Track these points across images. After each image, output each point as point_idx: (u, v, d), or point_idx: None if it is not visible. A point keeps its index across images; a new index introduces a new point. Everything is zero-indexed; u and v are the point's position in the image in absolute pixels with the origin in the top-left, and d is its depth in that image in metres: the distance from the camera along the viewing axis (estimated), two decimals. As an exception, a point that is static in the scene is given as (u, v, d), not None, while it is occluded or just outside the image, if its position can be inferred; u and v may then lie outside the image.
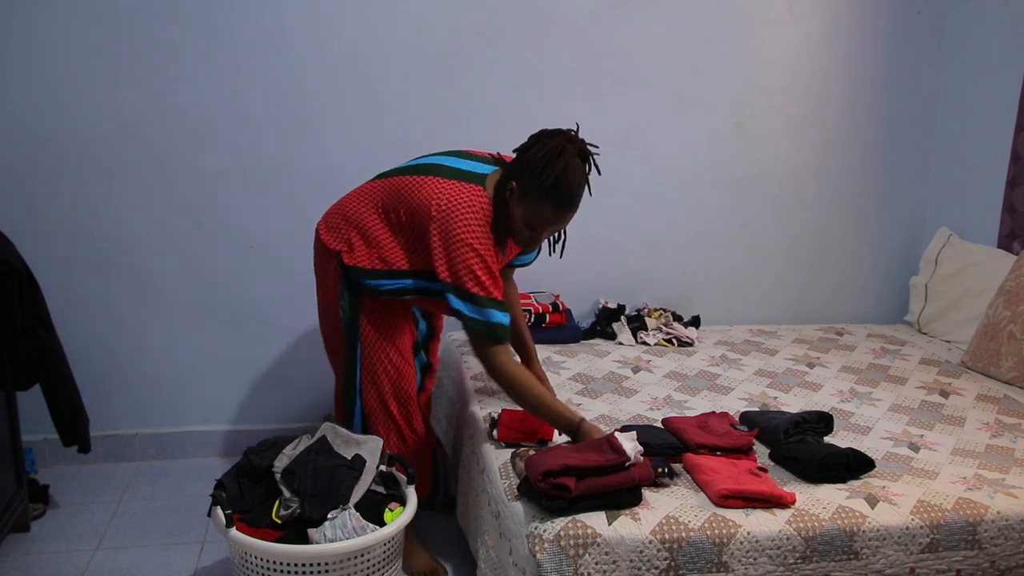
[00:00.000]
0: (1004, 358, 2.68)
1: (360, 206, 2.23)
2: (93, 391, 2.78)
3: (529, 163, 1.99)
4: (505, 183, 2.05)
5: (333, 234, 2.24)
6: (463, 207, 2.03)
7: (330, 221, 2.27)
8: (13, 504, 2.38)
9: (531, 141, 2.06)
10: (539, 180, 1.98)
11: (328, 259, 2.24)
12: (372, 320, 2.24)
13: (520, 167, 2.03)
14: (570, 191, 1.99)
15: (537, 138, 2.05)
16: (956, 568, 1.83)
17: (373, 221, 2.19)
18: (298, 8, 2.77)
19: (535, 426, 2.10)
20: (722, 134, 3.20)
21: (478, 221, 2.02)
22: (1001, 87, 3.03)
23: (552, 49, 2.98)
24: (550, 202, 2.00)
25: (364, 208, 2.21)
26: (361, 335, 2.25)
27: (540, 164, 1.97)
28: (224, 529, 1.92)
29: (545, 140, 2.02)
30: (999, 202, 3.05)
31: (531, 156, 2.00)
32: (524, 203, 2.03)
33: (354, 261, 2.18)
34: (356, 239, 2.20)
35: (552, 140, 2.00)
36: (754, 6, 3.11)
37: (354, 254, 2.19)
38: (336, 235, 2.23)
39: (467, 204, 2.03)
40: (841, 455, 1.96)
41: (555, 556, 1.66)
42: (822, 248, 3.41)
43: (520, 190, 2.02)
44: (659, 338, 3.01)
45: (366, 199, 2.23)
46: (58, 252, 2.78)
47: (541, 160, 1.97)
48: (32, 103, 2.68)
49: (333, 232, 2.24)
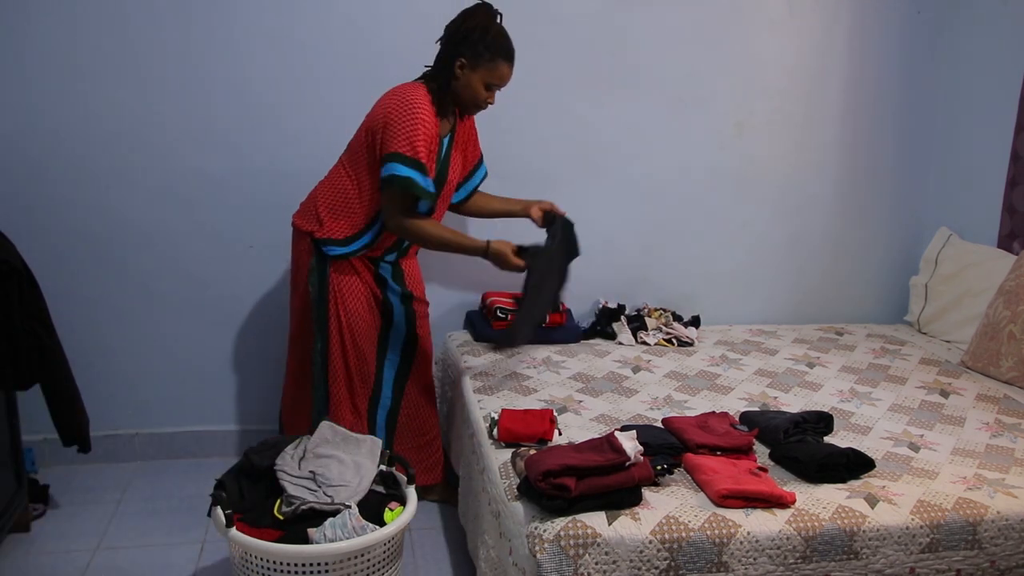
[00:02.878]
0: (1004, 358, 2.68)
1: (326, 182, 2.48)
2: (93, 391, 2.78)
3: (469, 35, 2.29)
4: (450, 64, 2.33)
5: (304, 217, 2.48)
6: (409, 95, 2.31)
7: (302, 208, 2.52)
8: (13, 504, 2.38)
9: (457, 20, 2.34)
10: (486, 44, 2.30)
11: (301, 239, 2.47)
12: (338, 294, 2.45)
13: (458, 44, 2.31)
14: (509, 43, 2.34)
15: (464, 14, 2.33)
16: (956, 568, 1.83)
17: (333, 184, 2.44)
18: (299, 8, 2.77)
19: (535, 426, 2.10)
20: (722, 134, 3.20)
21: (421, 104, 2.30)
22: (1001, 87, 3.03)
23: (552, 49, 2.98)
24: (502, 57, 2.33)
25: (327, 179, 2.48)
26: (329, 311, 2.44)
27: (480, 32, 2.29)
28: (224, 529, 1.92)
29: (469, 13, 2.32)
30: (999, 202, 3.05)
31: (468, 28, 2.30)
32: (479, 69, 2.32)
33: (324, 233, 2.41)
34: (324, 213, 2.42)
35: (476, 11, 2.33)
36: (754, 6, 3.11)
37: (324, 227, 2.41)
38: (307, 217, 2.47)
39: (411, 93, 2.31)
40: (841, 455, 1.97)
41: (555, 556, 1.66)
42: (822, 248, 3.41)
43: (471, 60, 2.31)
44: (659, 338, 3.01)
45: (332, 173, 2.49)
46: (58, 252, 2.78)
47: (479, 29, 2.29)
48: (32, 103, 2.68)
49: (304, 216, 2.49)
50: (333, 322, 2.45)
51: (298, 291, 2.51)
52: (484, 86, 2.36)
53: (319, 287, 2.44)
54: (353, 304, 2.46)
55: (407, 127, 2.27)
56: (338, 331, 2.46)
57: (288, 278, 2.92)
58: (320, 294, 2.44)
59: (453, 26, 2.35)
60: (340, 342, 2.47)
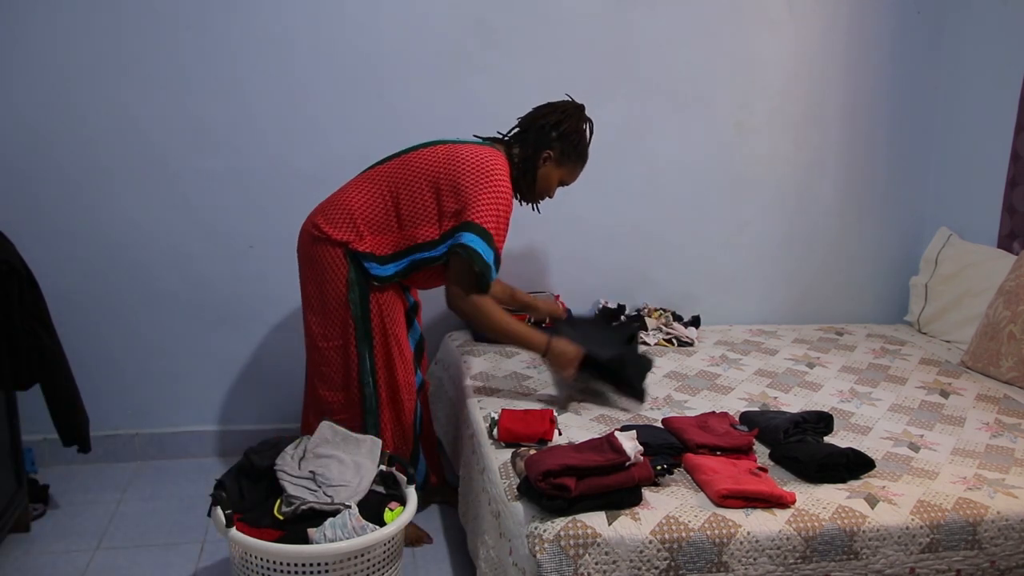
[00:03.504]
0: (1004, 358, 2.68)
1: (362, 196, 2.31)
2: (93, 391, 2.78)
3: (565, 136, 2.33)
4: (537, 153, 2.34)
5: (336, 226, 2.29)
6: (495, 162, 2.28)
7: (329, 215, 2.32)
8: (13, 504, 2.38)
9: (554, 115, 2.34)
10: (576, 148, 2.36)
11: (332, 249, 2.29)
12: (383, 312, 2.34)
13: (552, 138, 2.33)
14: (587, 150, 2.42)
15: (562, 112, 2.35)
16: (956, 568, 1.83)
17: (377, 207, 2.29)
18: (299, 8, 2.77)
19: (535, 426, 2.10)
20: (722, 134, 3.20)
21: (506, 179, 2.29)
22: (1001, 87, 3.03)
23: (553, 49, 2.98)
24: (581, 161, 2.41)
25: (367, 197, 2.30)
26: (373, 328, 2.33)
27: (576, 136, 2.35)
28: (224, 529, 1.92)
29: (572, 113, 2.35)
30: (999, 202, 3.05)
31: (566, 130, 2.33)
32: (563, 167, 2.38)
33: (366, 247, 2.28)
34: (364, 227, 2.29)
35: (576, 112, 2.36)
36: (754, 6, 3.11)
37: (364, 241, 2.28)
38: (339, 226, 2.29)
39: (497, 160, 2.29)
40: (841, 455, 1.96)
41: (555, 556, 1.66)
42: (822, 248, 3.41)
43: (557, 156, 2.35)
44: (659, 338, 3.01)
45: (367, 187, 2.32)
46: (58, 252, 2.78)
47: (576, 133, 2.35)
48: (32, 103, 2.68)
49: (335, 224, 2.29)
50: (378, 336, 2.34)
51: (327, 297, 2.32)
52: (558, 182, 2.40)
53: (360, 304, 2.30)
54: (396, 317, 2.37)
55: (490, 200, 2.21)
56: (383, 345, 2.35)
57: (291, 280, 2.92)
58: (363, 312, 2.31)
59: (549, 119, 2.33)
60: (386, 356, 2.36)
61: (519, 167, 2.35)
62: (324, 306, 2.32)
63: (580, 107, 2.38)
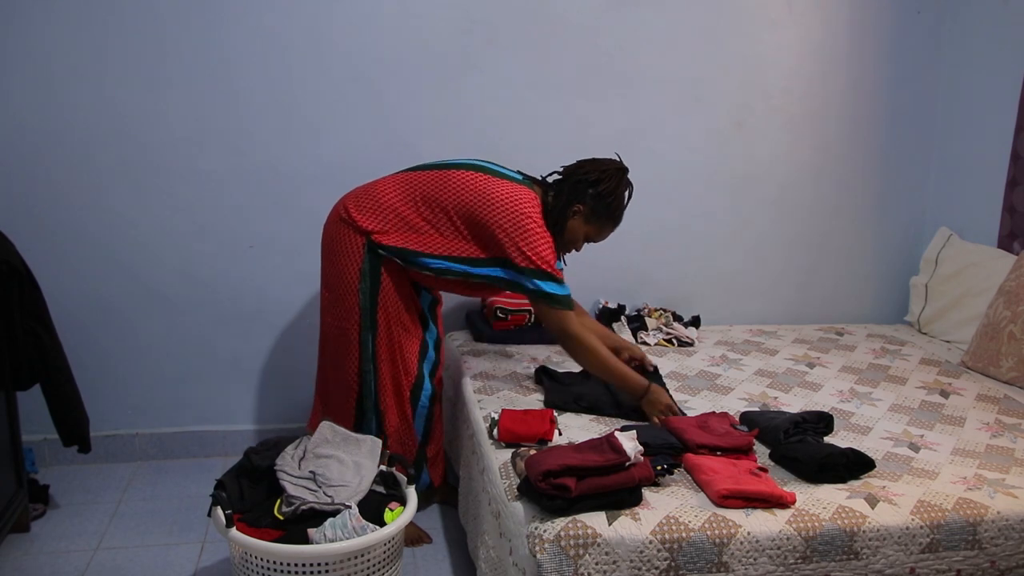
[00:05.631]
0: (1004, 358, 2.68)
1: (395, 194, 2.36)
2: (93, 391, 2.78)
3: (601, 195, 2.33)
4: (568, 204, 2.34)
5: (365, 214, 2.35)
6: (528, 204, 2.30)
7: (362, 202, 2.37)
8: (13, 504, 2.38)
9: (596, 171, 2.34)
10: (610, 209, 2.36)
11: (354, 236, 2.35)
12: (389, 315, 2.37)
13: (587, 194, 2.33)
14: (622, 212, 2.41)
15: (603, 171, 2.35)
16: (956, 568, 1.83)
17: (408, 210, 2.33)
18: (297, 8, 2.77)
19: (535, 426, 2.10)
20: (722, 134, 3.20)
21: (538, 216, 2.31)
22: (1001, 87, 3.03)
23: (553, 49, 2.98)
24: (612, 223, 2.41)
25: (399, 197, 2.35)
26: (378, 321, 2.36)
27: (612, 198, 2.35)
28: (224, 529, 1.92)
29: (612, 174, 2.35)
30: (999, 202, 3.05)
31: (604, 190, 2.33)
32: (591, 224, 2.38)
33: (391, 241, 2.32)
34: (392, 222, 2.33)
35: (617, 175, 2.35)
36: (754, 6, 3.11)
37: (389, 235, 2.32)
38: (368, 216, 2.34)
39: (530, 202, 2.31)
40: (841, 455, 1.96)
41: (555, 556, 1.66)
42: (822, 248, 3.41)
43: (588, 212, 2.36)
44: (659, 338, 3.01)
45: (401, 188, 2.37)
46: (58, 252, 2.78)
47: (612, 194, 2.34)
48: (32, 103, 2.68)
49: (365, 212, 2.35)
50: (382, 330, 2.37)
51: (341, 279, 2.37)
52: (586, 238, 2.42)
53: (370, 296, 2.35)
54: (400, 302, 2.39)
55: (540, 239, 2.27)
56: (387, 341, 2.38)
57: (291, 279, 2.93)
58: (371, 304, 2.35)
59: (590, 175, 2.34)
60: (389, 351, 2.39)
61: (551, 214, 2.36)
62: (337, 285, 2.39)
63: (623, 169, 2.38)
